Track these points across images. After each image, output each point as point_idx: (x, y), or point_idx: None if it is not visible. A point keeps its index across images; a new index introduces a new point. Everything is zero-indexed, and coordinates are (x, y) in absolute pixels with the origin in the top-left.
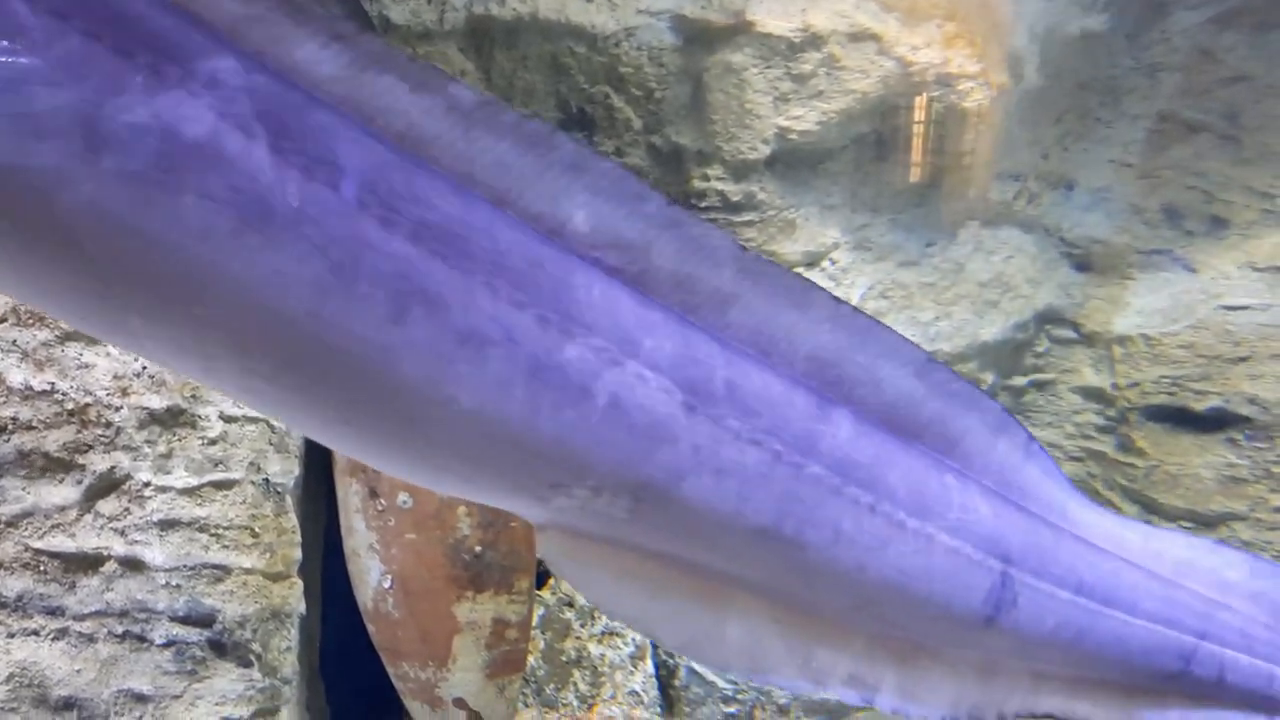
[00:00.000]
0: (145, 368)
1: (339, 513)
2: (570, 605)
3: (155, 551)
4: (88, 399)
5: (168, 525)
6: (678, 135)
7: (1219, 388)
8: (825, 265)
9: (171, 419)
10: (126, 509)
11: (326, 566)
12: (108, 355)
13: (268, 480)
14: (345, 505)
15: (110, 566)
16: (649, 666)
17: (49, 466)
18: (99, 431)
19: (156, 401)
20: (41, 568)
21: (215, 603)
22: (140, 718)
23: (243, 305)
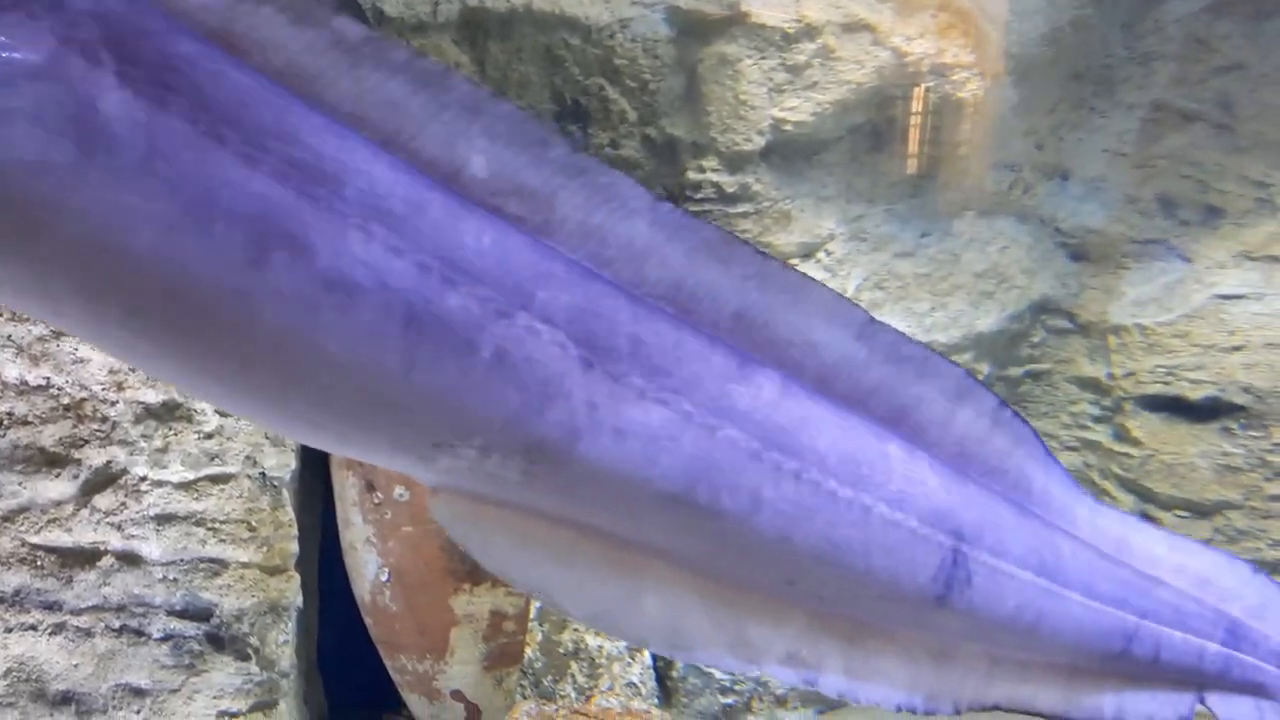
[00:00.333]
0: None
1: (335, 506)
2: None
3: (152, 546)
4: (83, 394)
5: (164, 519)
6: (672, 127)
7: (1214, 377)
8: (821, 256)
9: (167, 413)
10: (123, 503)
11: (324, 560)
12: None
13: (264, 474)
14: (342, 499)
15: (107, 561)
16: (646, 658)
17: (45, 461)
18: (95, 426)
19: (152, 396)
20: (38, 562)
21: (212, 597)
22: (138, 712)
23: (84, 244)
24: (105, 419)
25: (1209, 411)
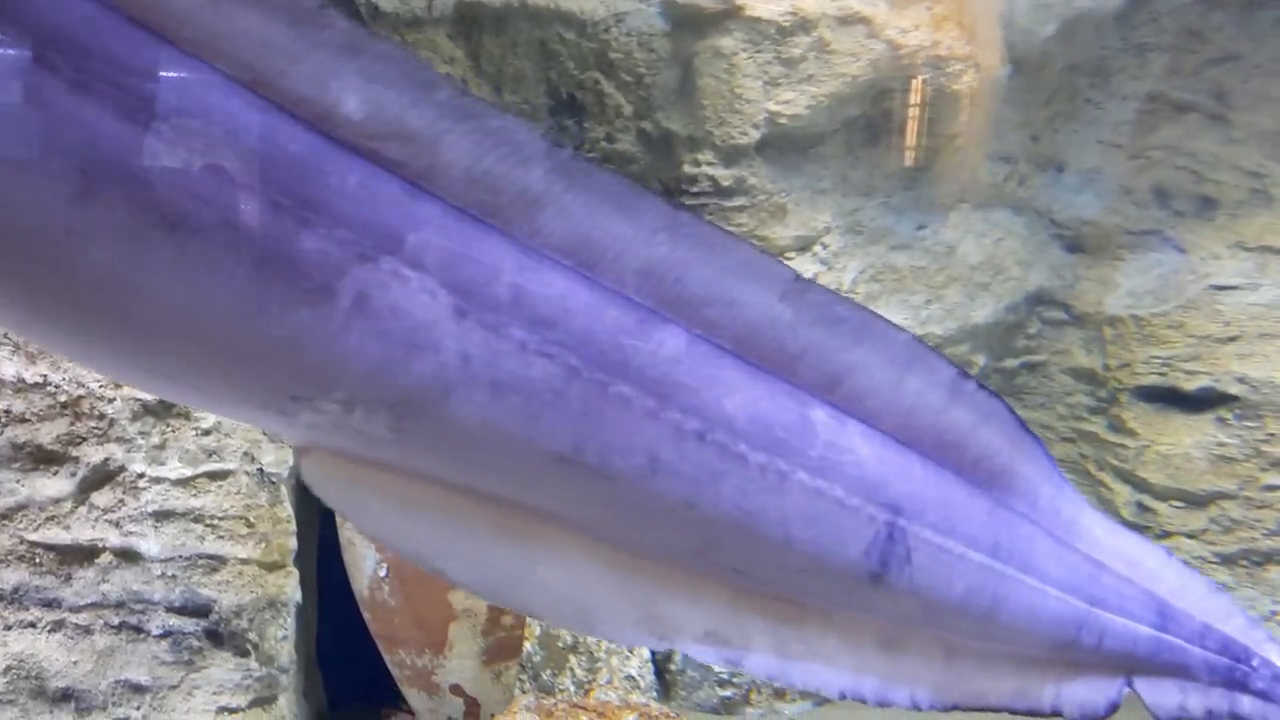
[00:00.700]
0: None
1: None
2: None
3: (150, 542)
4: (81, 391)
5: (162, 516)
6: (668, 121)
7: (1209, 367)
8: (817, 249)
9: (165, 410)
10: (121, 500)
11: (322, 555)
12: None
13: (262, 470)
14: None
15: (106, 558)
16: (645, 651)
17: (43, 459)
18: (92, 424)
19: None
20: (37, 560)
21: (211, 593)
22: (138, 708)
23: None
24: (103, 416)
25: (1204, 402)
